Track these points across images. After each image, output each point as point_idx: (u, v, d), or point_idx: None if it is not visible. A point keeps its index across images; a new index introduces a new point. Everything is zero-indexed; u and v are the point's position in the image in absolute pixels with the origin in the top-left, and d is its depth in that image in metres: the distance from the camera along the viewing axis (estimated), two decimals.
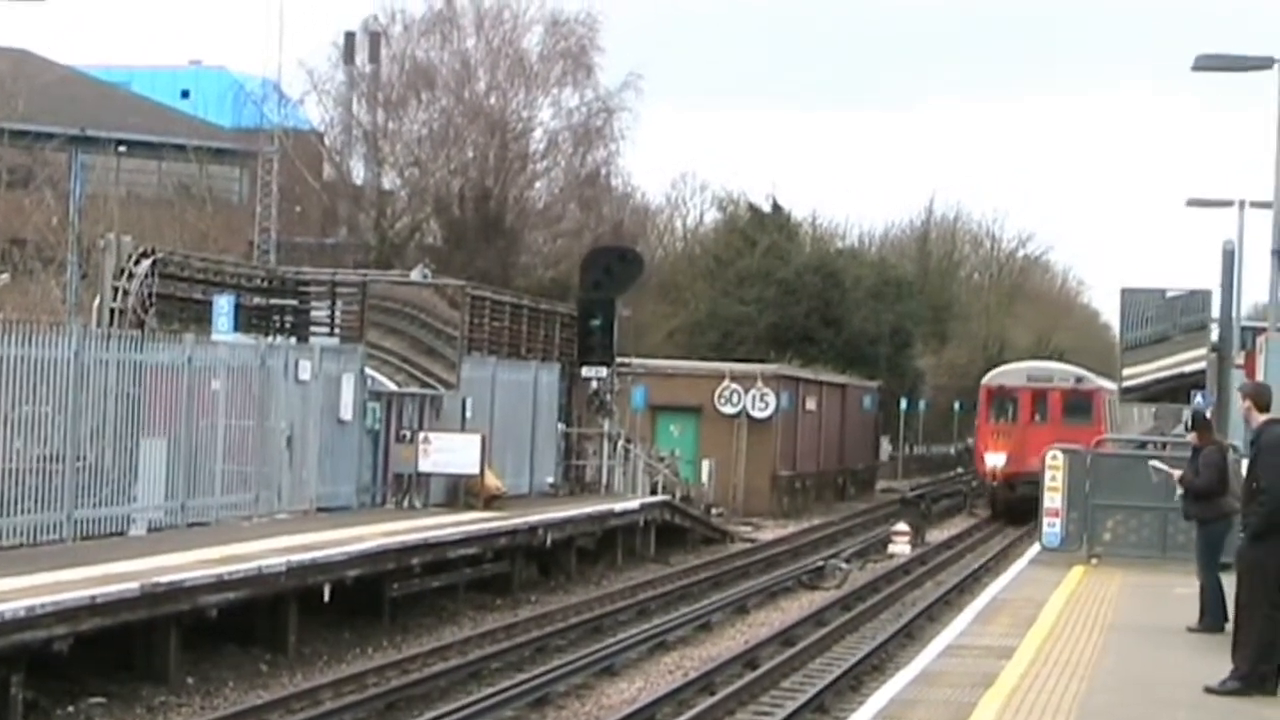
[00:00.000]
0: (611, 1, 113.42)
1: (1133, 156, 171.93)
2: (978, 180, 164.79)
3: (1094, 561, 28.77)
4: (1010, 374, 64.53)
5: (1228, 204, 36.86)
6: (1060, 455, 30.03)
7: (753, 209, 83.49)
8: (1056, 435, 49.65)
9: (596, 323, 44.35)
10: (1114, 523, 29.26)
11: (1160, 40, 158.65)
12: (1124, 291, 37.37)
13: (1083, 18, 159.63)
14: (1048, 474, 29.70)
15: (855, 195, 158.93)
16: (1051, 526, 29.72)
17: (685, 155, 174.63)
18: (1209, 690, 16.86)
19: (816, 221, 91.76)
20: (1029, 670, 18.01)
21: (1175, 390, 37.95)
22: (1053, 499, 29.71)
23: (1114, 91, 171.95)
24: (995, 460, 59.64)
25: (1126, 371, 38.44)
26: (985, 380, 64.09)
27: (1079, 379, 63.21)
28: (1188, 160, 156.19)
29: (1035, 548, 30.46)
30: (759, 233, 78.67)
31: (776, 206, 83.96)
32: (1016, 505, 56.54)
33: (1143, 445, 38.24)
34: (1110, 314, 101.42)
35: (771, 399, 58.97)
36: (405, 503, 34.94)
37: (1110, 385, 63.50)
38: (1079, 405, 60.85)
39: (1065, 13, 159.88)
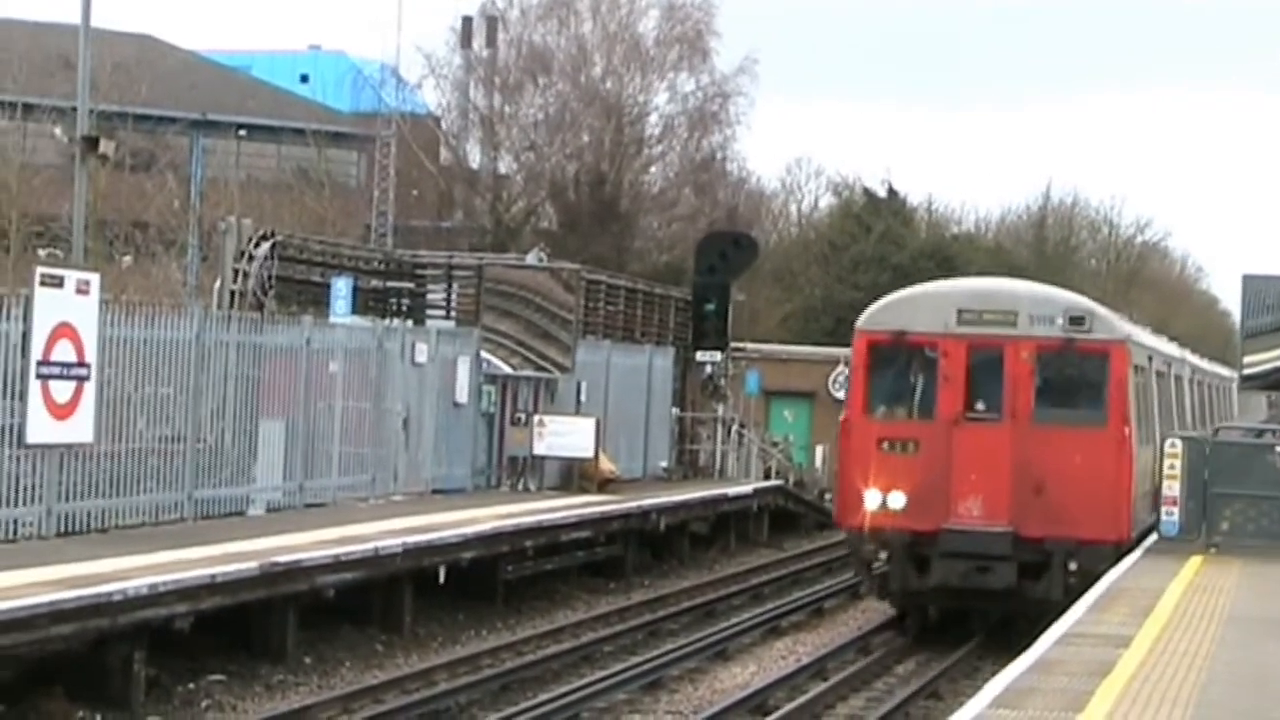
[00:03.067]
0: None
1: (1254, 145, 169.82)
2: (1095, 169, 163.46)
3: (1212, 551, 28.52)
4: (919, 306, 29.73)
5: None
6: (1179, 443, 29.80)
7: (868, 194, 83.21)
8: (1020, 445, 27.94)
9: (711, 307, 44.42)
10: (1232, 512, 28.98)
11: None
12: (1245, 278, 36.92)
13: (1200, 12, 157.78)
14: (1166, 463, 29.45)
15: (970, 182, 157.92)
16: (1170, 515, 29.50)
17: (800, 141, 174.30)
18: None
19: (932, 207, 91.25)
20: (1146, 660, 17.87)
21: None
22: (1171, 488, 29.49)
23: (1229, 85, 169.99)
24: (882, 501, 28.10)
25: (1247, 359, 37.93)
26: (863, 322, 30.07)
27: (1076, 318, 28.82)
28: None
29: (1153, 537, 30.24)
30: (874, 218, 78.39)
31: (892, 192, 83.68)
32: (934, 601, 28.90)
33: (1260, 434, 37.83)
34: (1229, 301, 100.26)
35: None
36: (519, 485, 35.09)
37: (1151, 341, 35.33)
38: (1076, 379, 29.23)
39: (1182, 8, 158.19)
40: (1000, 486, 27.76)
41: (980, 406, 28.31)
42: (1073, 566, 27.41)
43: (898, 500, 27.94)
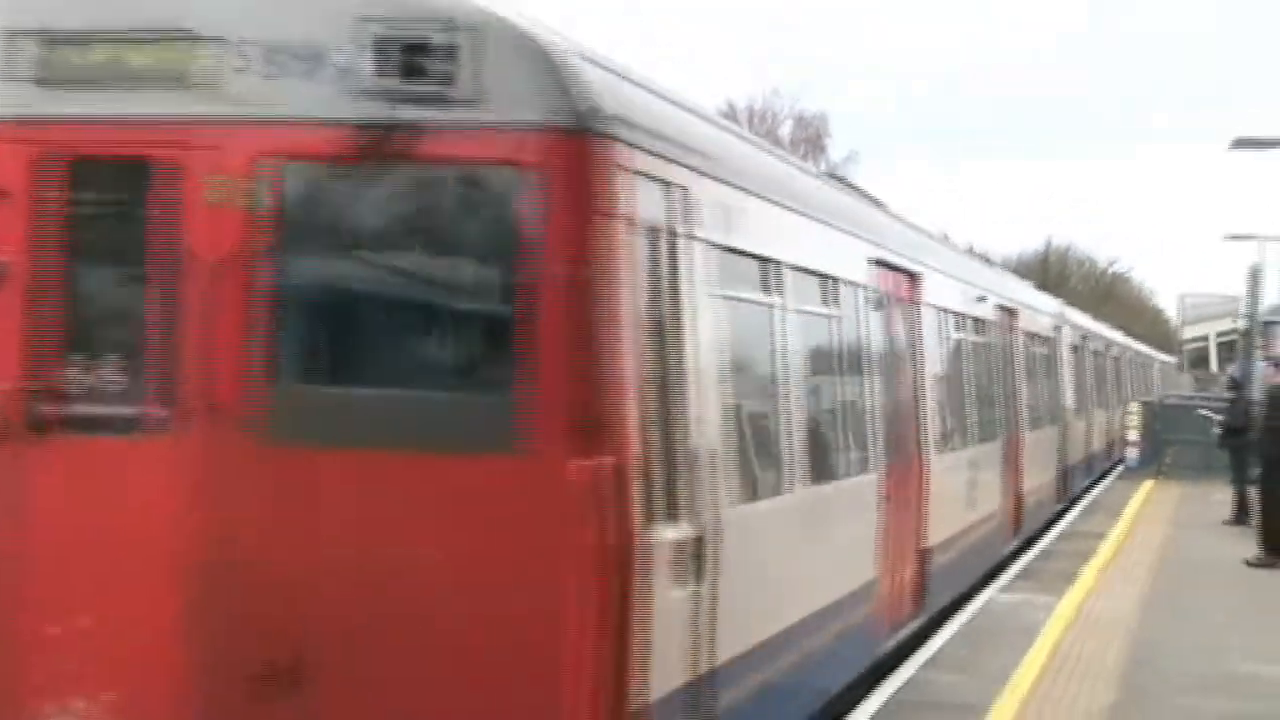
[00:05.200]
0: (835, 98, 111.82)
1: (1189, 190, 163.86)
2: (1084, 215, 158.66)
3: (1160, 477, 27.96)
4: None
5: (1252, 238, 35.52)
6: (1137, 405, 29.59)
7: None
8: (229, 509, 3.94)
9: None
10: (1173, 451, 28.58)
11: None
12: (1181, 295, 36.38)
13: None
14: (1129, 419, 29.19)
15: (997, 230, 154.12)
16: (1132, 453, 29.51)
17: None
18: (1247, 563, 16.27)
19: (972, 250, 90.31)
20: (1117, 549, 17.51)
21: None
22: (1132, 434, 29.57)
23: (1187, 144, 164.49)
24: None
25: (1186, 334, 37.46)
26: None
27: (412, 48, 3.71)
28: (1234, 194, 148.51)
29: (1121, 467, 29.77)
30: None
31: (944, 238, 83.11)
32: None
33: (1190, 398, 37.27)
34: (1170, 310, 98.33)
35: None
36: None
37: (921, 246, 11.25)
38: (434, 271, 3.84)
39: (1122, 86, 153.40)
40: (155, 653, 4.26)
41: (87, 375, 4.44)
42: None
43: None
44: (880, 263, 9.07)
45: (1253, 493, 18.25)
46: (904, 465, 9.42)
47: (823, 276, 7.59)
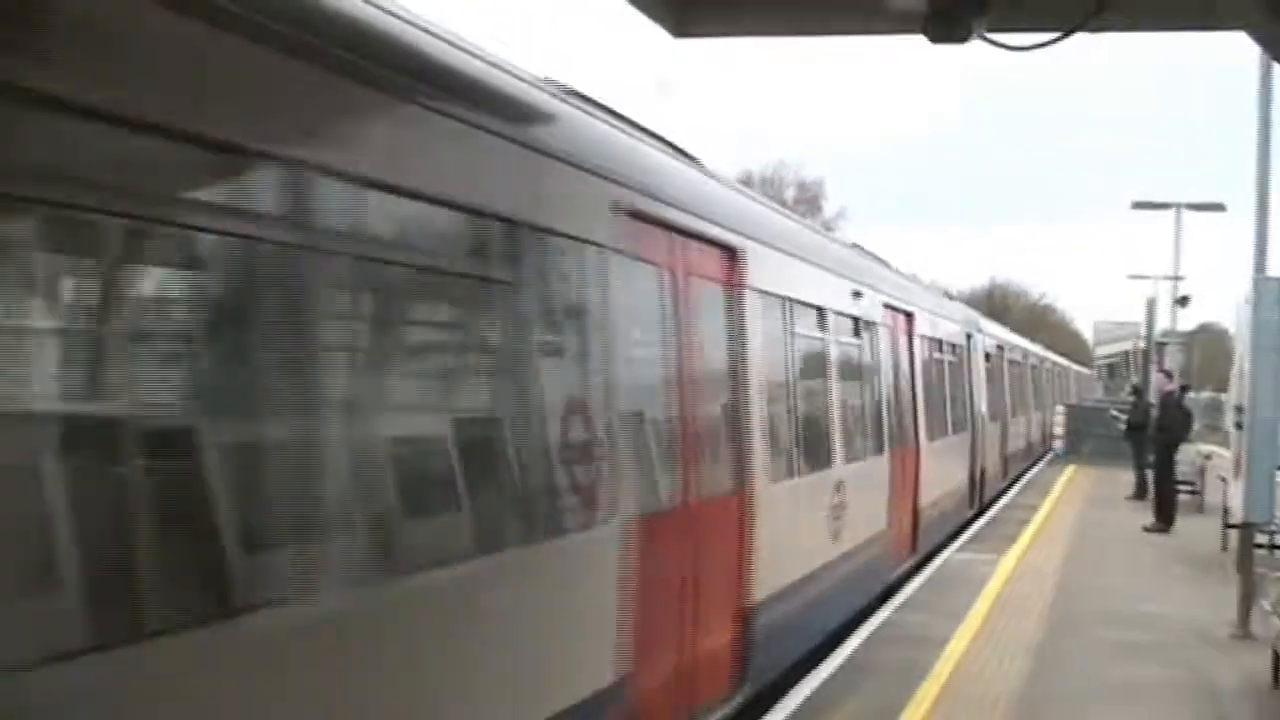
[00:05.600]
0: (825, 165, 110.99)
1: (1106, 241, 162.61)
2: (1022, 260, 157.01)
3: (1080, 462, 28.64)
4: None
5: (1148, 277, 36.61)
6: (1063, 407, 30.29)
7: None
8: None
9: None
10: (1089, 442, 29.29)
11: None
12: (1096, 323, 37.65)
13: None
14: (1057, 418, 29.93)
15: (951, 274, 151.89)
16: (1059, 444, 30.08)
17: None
18: (1144, 529, 16.96)
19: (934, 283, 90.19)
20: (1047, 517, 17.98)
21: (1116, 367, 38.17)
22: (1059, 430, 30.14)
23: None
24: None
25: (1098, 352, 38.63)
26: None
27: None
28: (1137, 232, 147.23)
29: (1050, 454, 30.41)
30: None
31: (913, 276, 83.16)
32: None
33: (1101, 401, 38.10)
34: (1088, 333, 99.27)
35: None
36: None
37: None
38: None
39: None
40: None
41: None
42: None
43: None
44: (646, 218, 5.26)
45: (1149, 475, 18.81)
46: (696, 507, 5.80)
47: (503, 221, 4.07)
